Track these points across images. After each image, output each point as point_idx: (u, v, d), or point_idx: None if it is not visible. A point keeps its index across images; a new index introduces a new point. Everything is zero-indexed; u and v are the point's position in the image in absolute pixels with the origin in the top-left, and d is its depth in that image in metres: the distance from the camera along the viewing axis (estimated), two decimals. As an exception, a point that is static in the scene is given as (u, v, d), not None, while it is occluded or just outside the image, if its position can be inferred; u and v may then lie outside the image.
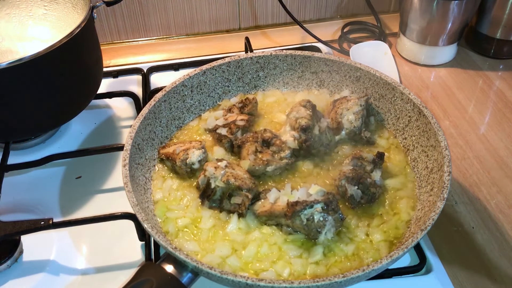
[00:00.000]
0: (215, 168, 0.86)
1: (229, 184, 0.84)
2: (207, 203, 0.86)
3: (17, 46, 1.11)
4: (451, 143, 1.10)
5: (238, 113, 1.01)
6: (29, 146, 1.10)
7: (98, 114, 1.19)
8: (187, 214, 0.86)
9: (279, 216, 0.81)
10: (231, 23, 1.44)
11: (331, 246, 0.80)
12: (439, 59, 1.32)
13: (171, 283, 0.72)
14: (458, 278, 0.86)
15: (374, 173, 0.88)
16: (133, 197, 0.79)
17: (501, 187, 1.01)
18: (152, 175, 0.93)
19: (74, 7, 1.08)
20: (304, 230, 0.80)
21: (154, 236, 0.74)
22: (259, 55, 1.07)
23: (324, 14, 1.48)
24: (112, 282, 0.85)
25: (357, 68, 1.03)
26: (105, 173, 1.04)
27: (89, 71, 1.07)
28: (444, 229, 0.93)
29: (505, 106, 1.19)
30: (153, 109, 0.95)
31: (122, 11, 1.36)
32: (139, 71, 1.30)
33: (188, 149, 0.91)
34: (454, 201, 0.98)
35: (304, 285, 0.67)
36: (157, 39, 1.43)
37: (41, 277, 0.87)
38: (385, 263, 0.70)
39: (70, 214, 0.96)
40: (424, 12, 1.23)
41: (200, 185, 0.87)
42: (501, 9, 1.24)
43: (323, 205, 0.79)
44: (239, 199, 0.84)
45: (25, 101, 0.96)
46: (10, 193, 0.99)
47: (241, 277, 0.69)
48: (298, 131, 0.93)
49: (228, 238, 0.82)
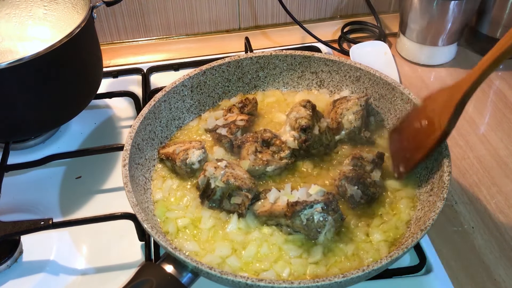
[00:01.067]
0: (215, 168, 0.86)
1: (229, 184, 0.84)
2: (207, 203, 0.86)
3: (17, 46, 1.11)
4: (451, 143, 1.10)
5: (238, 113, 1.01)
6: (29, 146, 1.10)
7: (98, 114, 1.19)
8: (187, 214, 0.86)
9: (279, 216, 0.81)
10: (231, 23, 1.44)
11: (331, 246, 0.80)
12: (439, 59, 1.32)
13: (171, 283, 0.72)
14: (458, 278, 0.86)
15: (374, 173, 0.88)
16: (133, 197, 0.79)
17: (501, 187, 1.01)
18: (152, 175, 0.93)
19: (74, 7, 1.08)
20: (304, 230, 0.80)
21: (154, 236, 0.74)
22: (259, 55, 1.07)
23: (324, 14, 1.48)
24: (112, 282, 0.85)
25: (357, 68, 1.03)
26: (105, 173, 1.04)
27: (89, 71, 1.07)
28: (444, 229, 0.93)
29: (505, 106, 1.19)
30: (153, 109, 0.96)
31: (122, 11, 1.36)
32: (139, 71, 1.30)
33: (188, 149, 0.91)
34: (454, 201, 0.98)
35: (304, 285, 0.67)
36: (157, 39, 1.43)
37: (41, 277, 0.87)
38: (385, 263, 0.70)
39: (70, 214, 0.96)
40: (424, 12, 1.23)
41: (200, 185, 0.87)
42: (501, 9, 1.24)
43: (323, 205, 0.79)
44: (239, 199, 0.84)
45: (25, 101, 0.96)
46: (10, 193, 0.99)
47: (241, 277, 0.69)
48: (298, 131, 0.93)
49: (228, 238, 0.82)
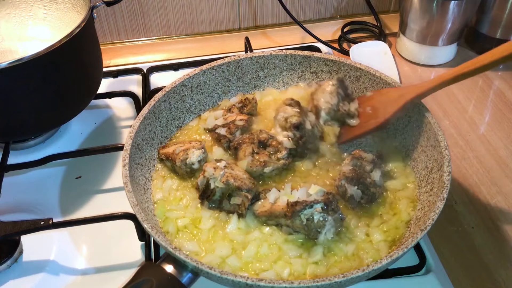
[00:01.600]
0: (214, 168, 0.86)
1: (228, 184, 0.84)
2: (207, 204, 0.86)
3: (17, 46, 1.11)
4: (451, 143, 1.10)
5: (238, 113, 1.01)
6: (29, 146, 1.10)
7: (98, 114, 1.19)
8: (187, 214, 0.86)
9: (279, 216, 0.81)
10: (231, 23, 1.44)
11: (331, 246, 0.80)
12: (439, 59, 1.32)
13: (171, 283, 0.72)
14: (458, 278, 0.86)
15: (373, 173, 0.88)
16: (133, 197, 0.79)
17: (501, 187, 1.01)
18: (152, 175, 0.93)
19: (74, 7, 1.08)
20: (304, 230, 0.80)
21: (154, 236, 0.74)
22: (259, 55, 1.07)
23: (324, 14, 1.48)
24: (112, 282, 0.85)
25: (357, 68, 1.03)
26: (105, 173, 1.04)
27: (89, 71, 1.07)
28: (444, 229, 0.93)
29: (505, 106, 1.19)
30: (153, 109, 0.96)
31: (122, 11, 1.36)
32: (139, 71, 1.30)
33: (188, 149, 0.91)
34: (454, 201, 0.98)
35: (304, 285, 0.67)
36: (157, 39, 1.43)
37: (41, 277, 0.87)
38: (385, 263, 0.70)
39: (70, 214, 0.96)
40: (424, 12, 1.23)
41: (200, 186, 0.87)
42: (501, 9, 1.24)
43: (323, 205, 0.79)
44: (238, 200, 0.84)
45: (25, 101, 0.96)
46: (10, 193, 0.99)
47: (241, 277, 0.69)
48: (291, 130, 0.93)
49: (228, 238, 0.82)
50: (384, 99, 0.95)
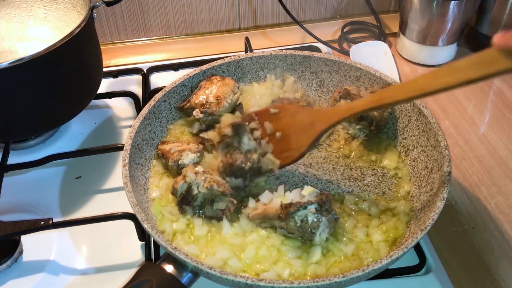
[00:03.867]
0: (196, 174, 0.83)
1: (212, 190, 0.82)
2: (189, 210, 0.84)
3: (17, 46, 1.11)
4: (451, 143, 1.10)
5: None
6: (29, 146, 1.10)
7: (98, 114, 1.19)
8: (181, 219, 0.84)
9: (272, 219, 0.80)
10: (231, 23, 1.44)
11: (330, 247, 0.80)
12: (439, 59, 1.32)
13: (171, 283, 0.72)
14: (458, 278, 0.86)
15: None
16: (133, 197, 0.79)
17: (501, 187, 1.01)
18: (150, 172, 0.93)
19: (74, 7, 1.08)
20: (299, 232, 0.79)
21: (154, 236, 0.74)
22: (259, 55, 1.07)
23: (324, 14, 1.48)
24: (112, 282, 0.85)
25: (357, 68, 1.03)
26: (105, 173, 1.04)
27: (89, 71, 1.07)
28: (444, 229, 0.93)
29: (505, 106, 1.19)
30: (153, 109, 0.95)
31: (122, 11, 1.36)
32: (139, 71, 1.30)
33: (183, 150, 0.91)
34: (454, 201, 0.98)
35: (304, 285, 0.67)
36: (157, 39, 1.43)
37: (41, 277, 0.87)
38: (385, 263, 0.70)
39: (70, 214, 0.96)
40: (424, 12, 1.23)
41: (179, 191, 0.83)
42: (501, 9, 1.24)
43: (316, 206, 0.78)
44: (223, 205, 0.82)
45: (25, 101, 0.96)
46: (10, 193, 0.99)
47: (241, 277, 0.69)
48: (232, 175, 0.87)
49: (226, 242, 0.81)
50: (293, 123, 0.86)
